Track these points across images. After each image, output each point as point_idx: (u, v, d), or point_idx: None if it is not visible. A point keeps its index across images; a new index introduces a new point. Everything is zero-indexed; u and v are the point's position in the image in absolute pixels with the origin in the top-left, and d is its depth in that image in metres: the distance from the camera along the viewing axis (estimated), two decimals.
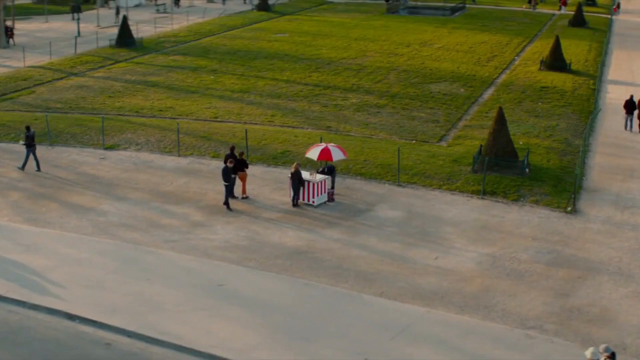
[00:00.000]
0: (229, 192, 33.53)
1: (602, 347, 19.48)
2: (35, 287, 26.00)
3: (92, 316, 24.57)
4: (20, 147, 39.00)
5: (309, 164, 37.00)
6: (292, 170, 33.32)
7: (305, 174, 33.96)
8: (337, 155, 33.79)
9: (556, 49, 62.66)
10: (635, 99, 46.85)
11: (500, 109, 37.37)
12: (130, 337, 23.58)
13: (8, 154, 40.19)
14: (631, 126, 46.24)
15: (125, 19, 70.80)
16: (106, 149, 40.73)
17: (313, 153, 34.02)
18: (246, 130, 40.16)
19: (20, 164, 37.45)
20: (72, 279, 26.64)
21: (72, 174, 37.23)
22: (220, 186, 34.40)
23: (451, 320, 24.63)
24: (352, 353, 22.58)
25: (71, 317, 24.67)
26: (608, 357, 19.27)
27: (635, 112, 46.23)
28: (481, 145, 38.21)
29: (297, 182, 33.21)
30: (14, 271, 27.09)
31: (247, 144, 38.93)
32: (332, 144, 34.61)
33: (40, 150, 39.51)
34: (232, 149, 34.74)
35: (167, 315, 24.57)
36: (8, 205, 33.32)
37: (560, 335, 23.89)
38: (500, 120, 36.86)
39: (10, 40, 73.03)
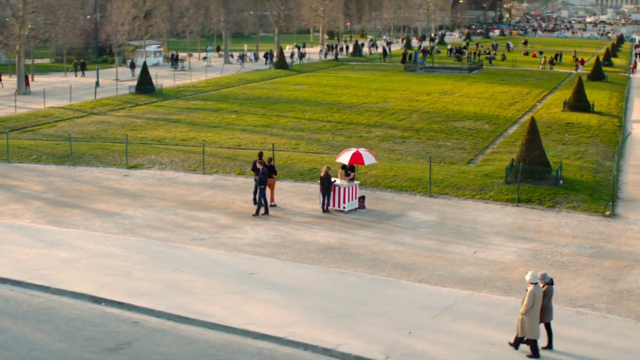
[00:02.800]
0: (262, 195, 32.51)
1: (540, 273, 19.75)
2: (58, 275, 24.96)
3: (118, 299, 23.43)
4: (41, 166, 38.38)
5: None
6: (322, 174, 32.44)
7: (337, 180, 33.07)
8: (368, 159, 32.97)
9: (579, 90, 62.22)
10: None
11: (533, 119, 36.62)
12: (159, 317, 22.41)
13: (29, 172, 39.52)
14: None
15: (145, 65, 70.97)
16: (129, 168, 40.02)
17: (344, 157, 33.20)
18: (273, 144, 39.45)
19: (40, 181, 36.79)
20: (98, 269, 25.61)
21: (95, 187, 36.47)
22: (249, 196, 33.55)
23: (496, 301, 23.44)
24: (394, 328, 21.36)
25: (97, 300, 23.56)
26: (546, 284, 19.67)
27: None
28: (513, 160, 37.30)
29: (327, 186, 32.30)
30: (36, 262, 26.04)
31: (273, 156, 38.09)
32: (363, 149, 33.80)
33: (62, 169, 39.06)
34: (260, 155, 33.99)
35: (197, 298, 23.43)
36: (30, 211, 32.53)
37: (613, 313, 22.58)
38: (533, 131, 36.07)
39: (27, 87, 73.57)
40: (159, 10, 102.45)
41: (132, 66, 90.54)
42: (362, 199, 33.45)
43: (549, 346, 20.27)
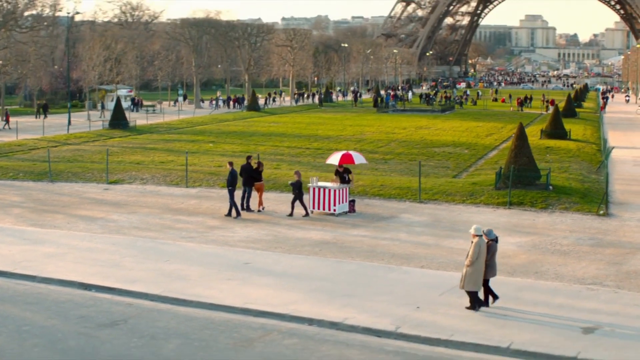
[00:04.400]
0: (243, 199, 31.76)
1: (485, 229, 19.85)
2: (44, 266, 23.88)
3: (109, 285, 22.38)
4: (18, 182, 37.35)
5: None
6: (294, 180, 31.56)
7: (326, 183, 32.41)
8: (358, 159, 32.39)
9: (556, 118, 62.45)
10: None
11: (521, 125, 36.48)
12: (154, 300, 21.35)
13: (6, 187, 38.47)
14: None
15: (118, 100, 70.23)
16: (110, 183, 39.04)
17: (334, 158, 32.59)
18: (258, 154, 38.72)
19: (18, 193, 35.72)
20: (85, 261, 24.55)
21: (75, 198, 35.48)
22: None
23: (503, 281, 22.69)
24: (401, 304, 20.54)
25: (86, 286, 22.47)
26: (490, 240, 19.78)
27: None
28: (501, 168, 36.93)
29: (298, 192, 31.40)
30: (20, 256, 24.93)
31: (258, 158, 37.31)
32: (352, 150, 33.22)
33: (40, 185, 38.12)
34: (249, 158, 33.24)
35: (192, 283, 22.44)
36: (10, 216, 31.45)
37: (623, 289, 21.97)
38: (521, 136, 35.83)
39: (7, 125, 72.39)
40: (130, 54, 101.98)
41: (102, 107, 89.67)
42: (352, 202, 32.76)
43: (485, 303, 20.08)
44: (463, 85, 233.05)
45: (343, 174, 32.66)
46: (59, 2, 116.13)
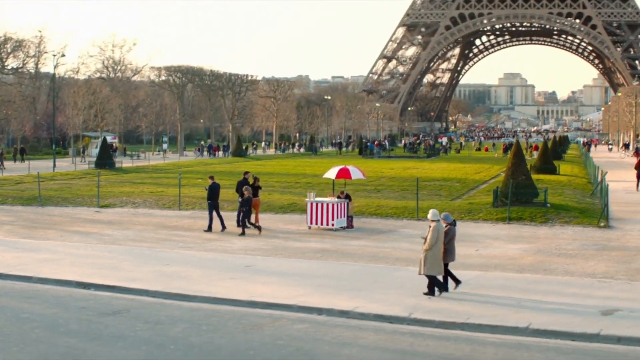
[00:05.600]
0: (239, 215, 31.23)
1: (443, 214, 19.97)
2: (40, 269, 23.18)
3: (109, 283, 21.67)
4: (7, 207, 36.63)
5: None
6: (245, 195, 30.95)
7: (324, 198, 31.99)
8: (356, 174, 32.00)
9: (545, 153, 62.41)
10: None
11: (517, 142, 36.20)
12: (155, 296, 20.64)
13: None
14: None
15: (105, 140, 69.74)
16: (101, 207, 38.36)
17: (331, 173, 32.21)
18: (255, 178, 38.12)
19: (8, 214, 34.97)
20: (82, 265, 23.85)
21: (67, 218, 34.78)
22: (232, 221, 32.14)
23: (512, 277, 22.26)
24: (411, 296, 19.98)
25: (85, 285, 21.75)
26: (449, 224, 19.89)
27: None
28: (498, 187, 36.66)
29: (248, 209, 30.66)
30: (14, 261, 24.23)
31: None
32: (351, 165, 32.88)
33: (30, 208, 37.28)
34: (246, 173, 32.80)
35: (194, 282, 21.77)
36: (1, 232, 30.65)
37: (636, 282, 21.53)
38: (519, 154, 35.62)
39: (2, 164, 71.69)
40: (114, 101, 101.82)
41: (83, 151, 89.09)
42: (350, 217, 32.28)
43: (446, 288, 19.97)
44: (445, 139, 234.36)
45: (344, 199, 32.33)
46: (42, 53, 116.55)
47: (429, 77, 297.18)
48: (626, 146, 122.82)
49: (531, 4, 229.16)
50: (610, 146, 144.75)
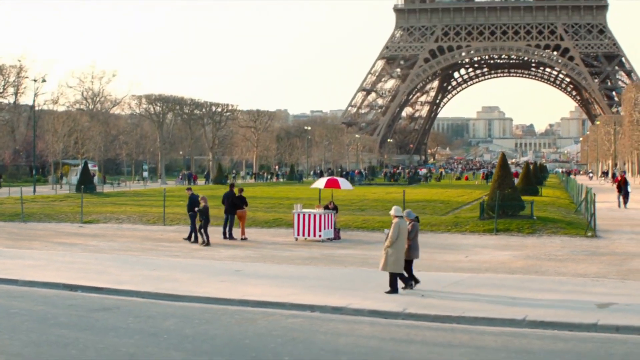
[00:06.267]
0: (225, 227, 31.04)
1: (405, 211, 20.03)
2: (26, 273, 22.79)
3: (97, 285, 21.32)
4: None
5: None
6: (201, 205, 30.79)
7: (310, 210, 31.84)
8: (345, 184, 31.89)
9: (527, 176, 62.56)
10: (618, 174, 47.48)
11: (503, 155, 36.24)
12: (145, 297, 20.28)
13: None
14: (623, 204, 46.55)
15: (86, 164, 69.20)
16: (85, 222, 37.94)
17: (319, 183, 32.11)
18: (241, 189, 37.95)
19: None
20: (68, 270, 23.49)
21: (51, 232, 34.33)
22: (218, 233, 31.93)
23: (503, 278, 22.13)
24: (405, 294, 19.77)
25: (72, 287, 21.37)
26: (411, 221, 19.94)
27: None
28: (483, 201, 36.65)
29: (205, 218, 30.43)
30: (0, 266, 23.81)
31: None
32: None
33: (12, 224, 36.78)
34: (232, 186, 32.61)
35: (183, 284, 21.44)
36: None
37: (628, 280, 21.47)
38: (504, 166, 35.63)
39: None
40: (95, 129, 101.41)
41: (61, 177, 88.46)
42: (337, 229, 32.10)
43: (410, 285, 19.94)
44: (425, 170, 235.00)
45: (332, 210, 32.21)
46: (21, 83, 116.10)
47: (408, 110, 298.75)
48: (605, 174, 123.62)
49: (509, 37, 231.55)
50: (590, 175, 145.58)
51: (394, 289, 19.52)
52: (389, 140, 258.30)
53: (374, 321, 17.21)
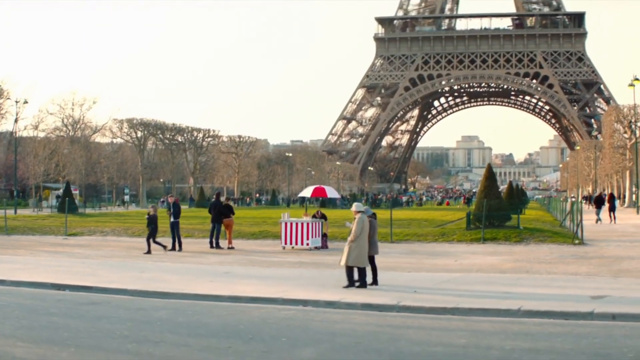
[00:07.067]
0: (212, 235, 30.90)
1: (364, 208, 20.37)
2: (13, 274, 22.49)
3: (85, 284, 21.05)
4: None
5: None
6: (150, 213, 30.66)
7: (297, 218, 31.73)
8: (331, 193, 31.80)
9: (510, 193, 62.55)
10: (604, 195, 47.76)
11: (489, 166, 36.30)
12: (134, 295, 20.01)
13: None
14: (600, 219, 47.00)
15: (68, 184, 68.73)
16: (69, 235, 37.59)
17: (306, 191, 32.02)
18: (227, 198, 37.83)
19: None
20: (57, 272, 23.20)
21: (35, 243, 33.95)
22: (206, 244, 31.74)
23: (495, 276, 22.06)
24: (398, 290, 19.64)
25: (60, 287, 21.07)
26: (370, 216, 20.17)
27: (604, 207, 47.35)
28: (469, 212, 36.66)
29: (153, 227, 30.36)
30: None
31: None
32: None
33: None
34: (218, 195, 32.45)
35: (174, 284, 21.19)
36: None
37: (619, 277, 21.46)
38: (491, 177, 35.65)
39: None
40: (77, 153, 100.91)
41: (40, 200, 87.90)
42: (324, 237, 32.00)
43: (375, 282, 20.05)
44: (405, 197, 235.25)
45: (320, 218, 32.11)
46: (1, 108, 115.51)
47: (388, 139, 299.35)
48: (585, 198, 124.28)
49: (489, 65, 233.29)
50: (572, 199, 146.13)
51: (362, 284, 19.61)
52: (369, 168, 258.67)
53: (369, 313, 17.08)
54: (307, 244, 30.93)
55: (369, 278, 20.08)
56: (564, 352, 12.52)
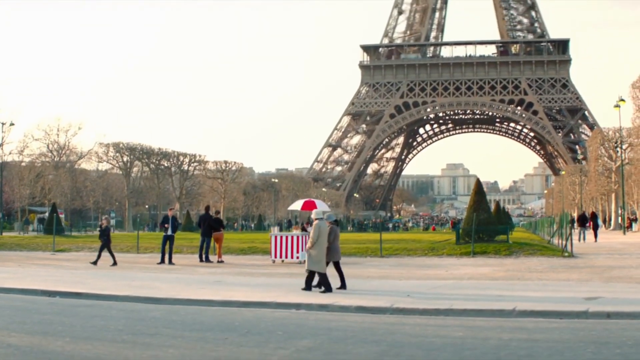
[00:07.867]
0: (202, 249, 30.78)
1: (326, 214, 21.02)
2: (4, 281, 22.31)
3: (76, 290, 20.91)
4: None
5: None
6: (102, 225, 30.63)
7: (287, 232, 31.64)
8: (321, 206, 31.73)
9: (498, 212, 62.85)
10: (587, 214, 48.03)
11: (478, 180, 36.41)
12: (126, 300, 19.89)
13: None
14: (584, 238, 47.17)
15: (54, 206, 68.39)
16: (57, 251, 37.36)
17: (296, 205, 31.94)
18: (217, 211, 37.63)
19: None
20: (47, 280, 23.05)
21: (23, 258, 33.72)
22: (196, 258, 31.58)
23: (488, 283, 22.06)
24: (392, 294, 19.64)
25: (50, 293, 20.93)
26: (331, 223, 20.69)
27: (587, 225, 47.55)
28: (459, 227, 36.66)
29: (106, 238, 30.35)
30: None
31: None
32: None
33: None
34: (207, 208, 32.36)
35: (165, 291, 21.08)
36: None
37: (611, 282, 21.50)
38: (480, 192, 35.78)
39: None
40: (63, 177, 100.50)
41: (27, 222, 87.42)
42: None
43: (343, 286, 20.35)
44: (390, 226, 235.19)
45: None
46: None
47: (373, 166, 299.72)
48: (573, 222, 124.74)
49: (474, 92, 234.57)
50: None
51: (327, 288, 19.88)
52: (355, 195, 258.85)
53: (363, 315, 17.02)
54: (297, 257, 30.82)
55: (336, 282, 20.45)
56: (562, 341, 12.52)
